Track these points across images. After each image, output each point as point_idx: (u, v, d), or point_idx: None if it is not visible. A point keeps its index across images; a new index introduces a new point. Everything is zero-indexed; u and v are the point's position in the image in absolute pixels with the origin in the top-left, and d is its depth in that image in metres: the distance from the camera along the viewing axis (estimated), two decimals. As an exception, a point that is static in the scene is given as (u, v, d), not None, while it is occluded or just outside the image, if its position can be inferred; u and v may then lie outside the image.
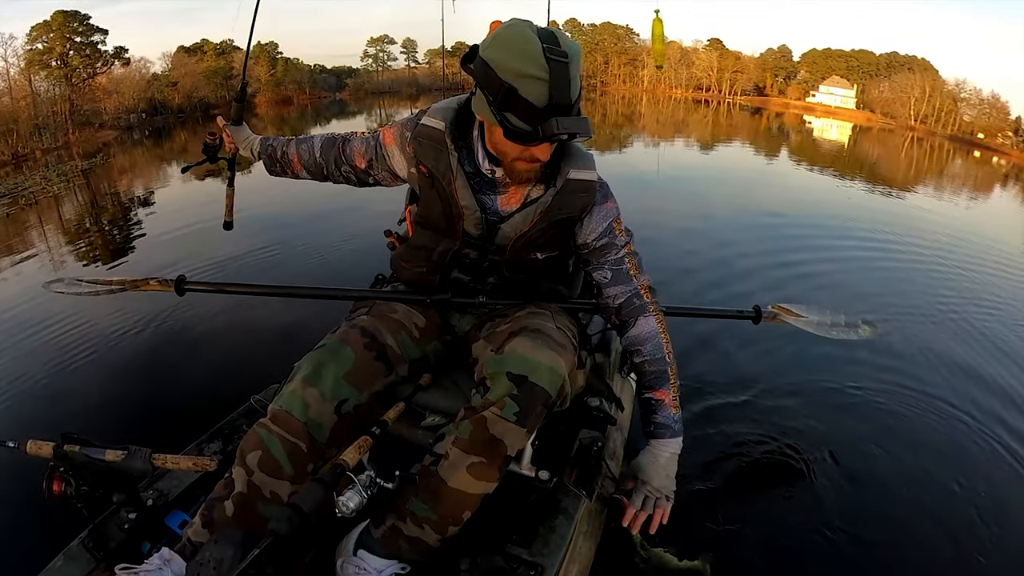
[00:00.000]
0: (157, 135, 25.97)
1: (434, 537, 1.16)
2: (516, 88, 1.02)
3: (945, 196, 11.33)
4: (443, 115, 1.24)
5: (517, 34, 1.03)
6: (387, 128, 1.37)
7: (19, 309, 3.69)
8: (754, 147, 17.68)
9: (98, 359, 2.97)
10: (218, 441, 1.62)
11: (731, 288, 4.11)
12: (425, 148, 1.25)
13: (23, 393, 2.73)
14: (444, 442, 1.18)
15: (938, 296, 4.34)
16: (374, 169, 1.42)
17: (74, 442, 1.14)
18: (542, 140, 1.08)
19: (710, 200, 7.38)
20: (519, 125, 1.06)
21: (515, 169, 1.19)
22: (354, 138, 1.45)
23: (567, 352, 1.22)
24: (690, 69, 53.92)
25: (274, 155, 1.56)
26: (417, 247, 1.42)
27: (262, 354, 2.80)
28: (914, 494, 2.14)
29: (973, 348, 3.44)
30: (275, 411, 1.19)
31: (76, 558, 1.23)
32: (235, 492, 1.15)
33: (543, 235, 1.30)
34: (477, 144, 1.23)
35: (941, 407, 2.73)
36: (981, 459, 2.40)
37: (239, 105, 1.52)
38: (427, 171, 1.26)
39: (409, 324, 1.38)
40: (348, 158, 1.44)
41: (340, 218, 5.44)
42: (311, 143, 1.50)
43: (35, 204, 8.71)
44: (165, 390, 2.69)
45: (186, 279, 1.50)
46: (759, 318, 1.83)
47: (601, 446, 1.55)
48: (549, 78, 1.01)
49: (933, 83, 44.13)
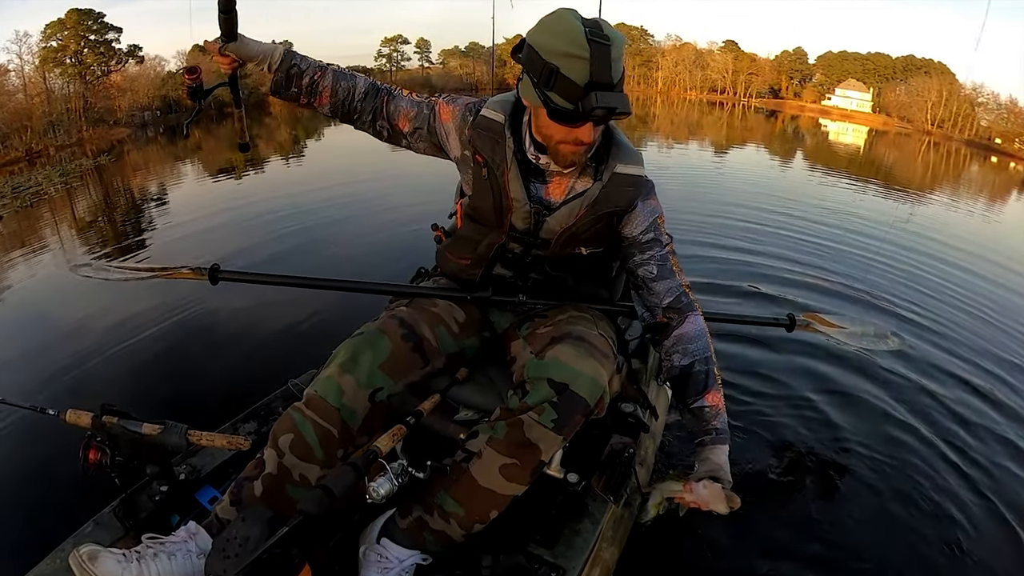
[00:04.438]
0: (171, 133, 26.17)
1: (459, 532, 1.17)
2: (558, 67, 1.04)
3: (961, 203, 11.20)
4: (502, 107, 1.26)
5: (560, 18, 1.06)
6: (444, 103, 1.35)
7: (55, 293, 3.78)
8: (769, 150, 17.57)
9: (139, 340, 3.03)
10: (253, 422, 1.64)
11: (754, 293, 4.06)
12: (483, 138, 1.27)
13: (64, 367, 2.80)
14: (478, 440, 1.18)
15: (964, 305, 4.31)
16: (415, 136, 1.38)
17: (113, 414, 1.16)
18: (583, 118, 1.08)
19: (725, 203, 7.30)
20: (561, 104, 1.07)
21: (560, 152, 1.18)
22: (402, 98, 1.36)
23: (609, 361, 1.22)
24: (705, 71, 53.73)
25: (299, 78, 1.30)
26: (464, 238, 1.41)
27: (301, 340, 2.85)
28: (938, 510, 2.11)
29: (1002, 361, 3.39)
30: (310, 395, 1.20)
31: (106, 525, 1.25)
32: (265, 472, 1.16)
33: (588, 229, 1.30)
34: (526, 131, 1.24)
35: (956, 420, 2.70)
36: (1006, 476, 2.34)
37: (227, 16, 1.20)
38: (483, 160, 1.27)
39: (448, 318, 1.39)
40: (390, 115, 1.36)
41: (384, 212, 5.50)
42: (354, 82, 1.34)
43: (67, 190, 8.85)
44: (204, 371, 2.74)
45: (220, 268, 1.45)
46: (793, 326, 1.82)
47: (632, 453, 1.56)
48: (590, 57, 1.02)
49: (950, 87, 43.72)
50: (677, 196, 7.33)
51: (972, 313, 4.17)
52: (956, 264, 5.53)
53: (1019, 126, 40.39)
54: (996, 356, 3.41)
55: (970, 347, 3.49)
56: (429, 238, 1.57)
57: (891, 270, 5.00)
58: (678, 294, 1.31)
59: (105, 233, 6.42)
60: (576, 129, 1.11)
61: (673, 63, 55.42)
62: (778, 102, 53.07)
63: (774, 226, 6.06)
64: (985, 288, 4.87)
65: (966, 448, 2.47)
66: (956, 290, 4.66)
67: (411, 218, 5.25)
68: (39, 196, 9.59)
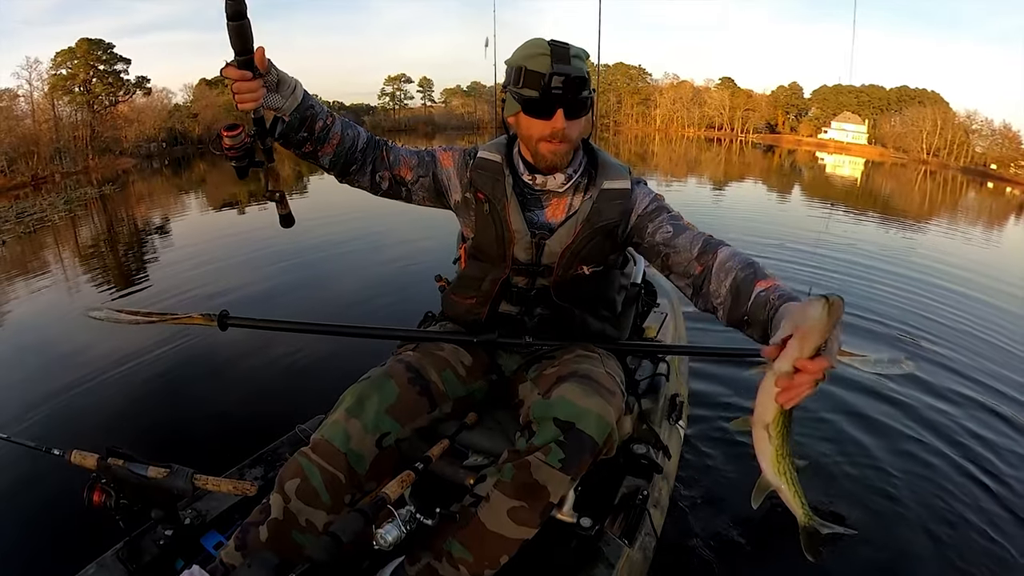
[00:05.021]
0: (176, 165, 26.46)
1: None
2: (525, 66, 1.19)
3: (959, 229, 11.27)
4: (497, 148, 1.36)
5: (529, 39, 1.24)
6: (443, 151, 1.41)
7: (62, 331, 3.78)
8: (767, 185, 17.73)
9: (147, 382, 3.03)
10: (259, 467, 1.63)
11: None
12: (483, 177, 1.34)
13: (70, 406, 2.79)
14: (486, 484, 1.17)
15: (971, 329, 4.35)
16: (416, 184, 1.39)
17: (118, 456, 1.15)
18: (550, 100, 1.18)
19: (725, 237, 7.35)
20: (530, 94, 1.19)
21: (541, 153, 1.25)
22: (400, 148, 1.38)
23: (616, 398, 1.21)
24: (702, 108, 54.67)
25: (313, 120, 1.20)
26: (468, 277, 1.43)
27: (308, 384, 2.84)
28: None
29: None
30: (317, 440, 1.19)
31: (109, 568, 1.23)
32: (271, 518, 1.14)
33: (587, 244, 1.31)
34: (518, 161, 1.33)
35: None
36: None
37: (238, 25, 0.98)
38: (484, 197, 1.33)
39: (455, 362, 1.39)
40: (392, 165, 1.36)
41: (391, 261, 5.49)
42: (357, 132, 1.31)
43: (71, 218, 8.82)
44: (211, 414, 2.71)
45: (229, 314, 1.43)
46: None
47: (646, 495, 1.52)
48: (550, 53, 1.17)
49: (944, 116, 44.44)
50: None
51: (977, 335, 4.21)
52: (958, 289, 5.60)
53: (1014, 151, 40.89)
54: (1006, 377, 3.44)
55: (977, 368, 3.52)
56: (435, 288, 1.61)
57: (894, 297, 5.05)
58: (704, 239, 1.22)
59: (107, 262, 6.48)
60: (550, 121, 1.20)
61: (671, 101, 56.60)
62: (775, 137, 53.91)
63: (775, 259, 6.09)
64: (988, 311, 4.93)
65: (988, 466, 2.50)
66: (962, 315, 4.71)
67: (419, 260, 5.27)
68: (43, 223, 9.70)
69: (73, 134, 29.64)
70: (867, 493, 2.27)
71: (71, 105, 32.30)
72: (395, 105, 56.69)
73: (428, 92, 58.33)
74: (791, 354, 0.77)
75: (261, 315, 1.48)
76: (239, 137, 1.10)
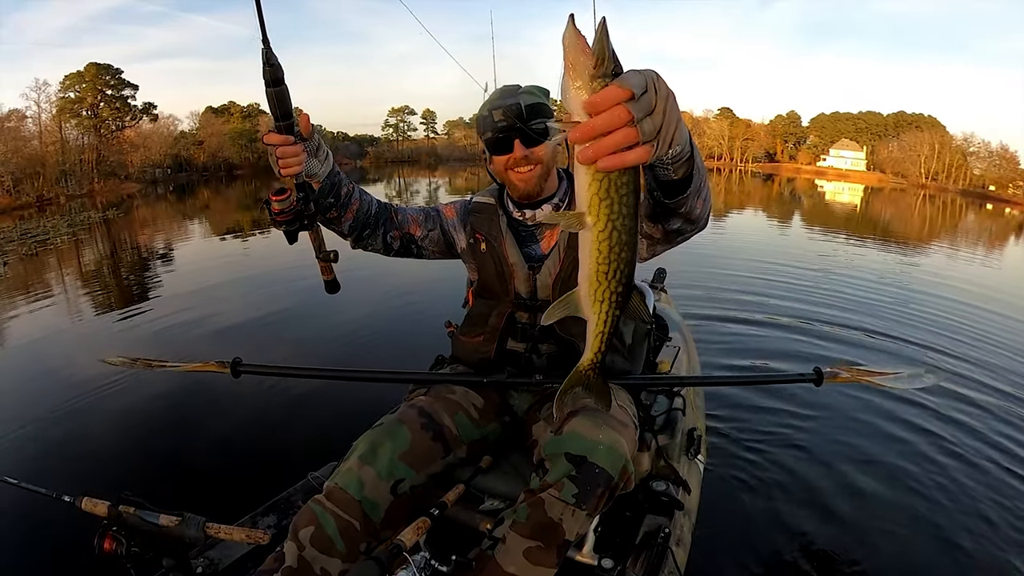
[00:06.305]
0: (181, 191, 26.64)
1: None
2: (480, 115, 1.35)
3: (961, 252, 11.38)
4: (490, 193, 1.49)
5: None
6: (445, 205, 1.54)
7: (74, 374, 3.70)
8: (767, 213, 17.85)
9: (159, 428, 2.98)
10: (273, 515, 1.61)
11: (774, 351, 4.05)
12: (480, 219, 1.46)
13: (80, 452, 2.74)
14: (503, 526, 1.15)
15: (982, 341, 4.45)
16: (426, 239, 1.49)
17: (130, 503, 1.13)
18: (500, 132, 1.30)
19: (730, 268, 7.34)
20: (487, 136, 1.33)
21: (512, 182, 1.36)
22: (405, 208, 1.49)
23: (628, 430, 1.20)
24: (701, 138, 55.27)
25: (340, 186, 1.26)
26: (475, 315, 1.48)
27: (321, 431, 2.79)
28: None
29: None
30: (331, 488, 1.17)
31: None
32: (285, 566, 1.11)
33: (574, 269, 1.30)
34: (508, 202, 1.46)
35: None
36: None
37: (278, 91, 1.01)
38: (483, 236, 1.44)
39: (467, 405, 1.38)
40: (401, 224, 1.44)
41: (401, 307, 5.41)
42: (370, 197, 1.38)
43: (74, 241, 8.89)
44: (224, 462, 2.67)
45: (242, 361, 1.43)
46: (821, 380, 1.79)
47: (668, 533, 1.49)
48: (499, 96, 1.31)
49: (942, 139, 44.84)
50: (679, 261, 7.39)
51: (989, 347, 4.31)
52: (968, 305, 5.72)
53: (1011, 171, 41.18)
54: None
55: (993, 376, 3.65)
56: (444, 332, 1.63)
57: (906, 315, 5.15)
58: None
59: (109, 285, 6.49)
60: (511, 154, 1.31)
61: (670, 132, 57.07)
62: (774, 165, 54.43)
63: (782, 279, 6.16)
64: (995, 326, 5.03)
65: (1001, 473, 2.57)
66: (973, 329, 4.82)
67: (429, 307, 5.21)
68: (45, 245, 9.74)
69: (79, 157, 29.96)
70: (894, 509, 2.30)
71: (78, 128, 32.74)
72: (398, 136, 57.49)
73: (431, 124, 59.15)
74: (573, 99, 0.59)
75: (271, 356, 1.48)
76: (287, 201, 1.11)
